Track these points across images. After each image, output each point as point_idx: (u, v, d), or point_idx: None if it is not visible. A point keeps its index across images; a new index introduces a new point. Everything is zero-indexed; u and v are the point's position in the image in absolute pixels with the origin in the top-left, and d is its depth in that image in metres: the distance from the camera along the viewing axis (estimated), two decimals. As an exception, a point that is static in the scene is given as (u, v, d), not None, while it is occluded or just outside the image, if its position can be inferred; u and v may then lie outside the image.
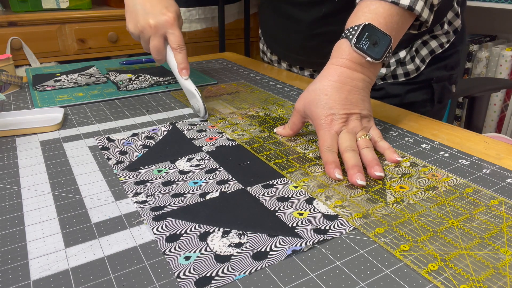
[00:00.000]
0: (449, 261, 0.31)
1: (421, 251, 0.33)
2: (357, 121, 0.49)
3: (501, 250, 0.33)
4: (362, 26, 0.49)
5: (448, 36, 0.75)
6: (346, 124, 0.49)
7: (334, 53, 0.52)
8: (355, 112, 0.49)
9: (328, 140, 0.47)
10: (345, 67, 0.50)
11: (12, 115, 0.61)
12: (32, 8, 1.61)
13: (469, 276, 0.30)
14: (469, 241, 0.34)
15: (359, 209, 0.38)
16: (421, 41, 0.75)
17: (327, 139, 0.47)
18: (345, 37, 0.51)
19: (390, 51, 0.50)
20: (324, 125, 0.48)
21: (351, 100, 0.49)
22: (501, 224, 0.36)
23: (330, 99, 0.49)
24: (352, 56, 0.50)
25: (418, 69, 0.76)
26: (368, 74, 0.51)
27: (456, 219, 0.37)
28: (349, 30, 0.50)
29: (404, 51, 0.75)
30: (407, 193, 0.41)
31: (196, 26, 1.70)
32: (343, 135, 0.48)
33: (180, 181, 0.43)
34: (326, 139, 0.47)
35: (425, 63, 0.76)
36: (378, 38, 0.50)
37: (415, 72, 0.76)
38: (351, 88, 0.50)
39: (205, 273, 0.30)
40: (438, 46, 0.75)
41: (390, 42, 0.50)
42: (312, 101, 0.50)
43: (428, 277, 0.30)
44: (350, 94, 0.49)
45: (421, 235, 0.34)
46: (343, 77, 0.50)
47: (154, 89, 0.76)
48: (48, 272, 0.31)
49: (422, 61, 0.76)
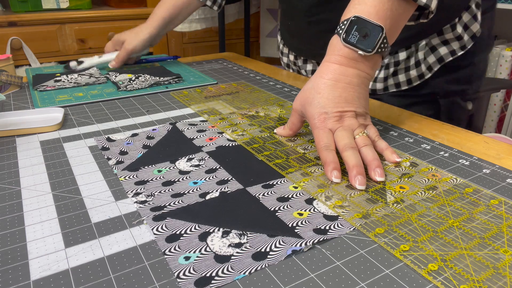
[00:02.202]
0: (449, 261, 0.31)
1: (421, 251, 0.33)
2: (352, 119, 0.48)
3: (501, 250, 0.33)
4: (350, 20, 0.48)
5: (462, 42, 0.68)
6: (341, 122, 0.47)
7: (328, 50, 0.51)
8: (350, 110, 0.48)
9: (324, 138, 0.46)
10: (338, 63, 0.49)
11: (12, 115, 0.61)
12: (32, 8, 1.61)
13: (469, 276, 0.30)
14: (469, 241, 0.34)
15: (359, 209, 0.38)
16: (429, 47, 0.68)
17: (323, 137, 0.46)
18: (336, 33, 0.50)
19: (384, 41, 0.48)
20: (318, 123, 0.47)
21: (346, 98, 0.48)
22: (501, 224, 0.36)
23: (323, 98, 0.48)
24: (343, 51, 0.49)
25: (421, 76, 0.70)
26: (363, 69, 0.49)
27: (456, 219, 0.37)
28: (339, 25, 0.50)
29: (404, 53, 0.69)
30: (407, 193, 0.41)
31: (196, 26, 1.70)
32: (339, 132, 0.46)
33: (180, 181, 0.43)
34: (321, 138, 0.46)
35: (431, 72, 0.69)
36: (368, 29, 0.48)
37: (418, 80, 0.70)
38: (345, 85, 0.48)
39: (205, 273, 0.30)
40: (448, 54, 0.68)
41: (382, 32, 0.48)
42: (307, 100, 0.49)
43: (428, 277, 0.30)
44: (344, 92, 0.48)
45: (421, 235, 0.34)
46: (336, 74, 0.48)
47: (154, 89, 0.76)
48: (48, 272, 0.31)
49: (428, 68, 0.69)
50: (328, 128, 0.47)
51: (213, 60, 1.04)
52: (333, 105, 0.47)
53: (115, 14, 1.71)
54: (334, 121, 0.47)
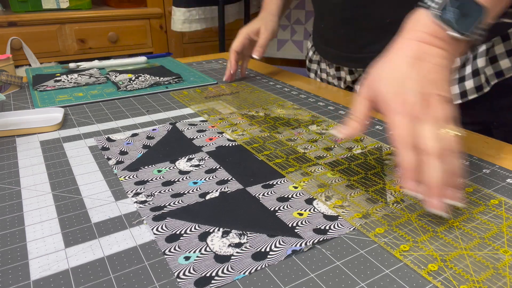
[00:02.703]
0: (449, 261, 0.31)
1: (421, 251, 0.33)
2: (440, 105, 0.38)
3: (501, 250, 0.33)
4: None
5: None
6: (427, 108, 0.37)
7: (408, 26, 0.42)
8: (437, 93, 0.38)
9: (405, 128, 0.36)
10: (422, 41, 0.40)
11: (12, 115, 0.61)
12: (32, 8, 1.61)
13: (469, 277, 0.30)
14: (469, 241, 0.34)
15: (359, 209, 0.38)
16: (490, 56, 0.57)
17: (404, 127, 0.36)
18: (423, 6, 0.41)
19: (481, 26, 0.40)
20: (398, 107, 0.37)
21: (433, 80, 0.39)
22: (501, 224, 0.36)
23: (404, 76, 0.39)
24: (431, 28, 0.40)
25: (479, 89, 0.58)
26: (451, 51, 0.41)
27: (456, 219, 0.37)
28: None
29: (458, 59, 0.53)
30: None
31: (196, 26, 1.70)
32: (427, 127, 0.36)
33: (180, 181, 0.43)
34: (402, 128, 0.36)
35: (489, 85, 0.58)
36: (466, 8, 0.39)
37: (475, 93, 0.57)
38: (430, 66, 0.39)
39: (205, 273, 0.30)
40: (510, 68, 0.55)
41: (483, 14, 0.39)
42: (381, 80, 0.40)
43: (428, 277, 0.30)
44: (429, 73, 0.39)
45: (421, 235, 0.34)
46: (420, 52, 0.40)
47: (154, 89, 0.76)
48: (48, 272, 0.31)
49: (487, 81, 0.58)
50: (412, 114, 0.37)
51: (213, 60, 1.04)
52: (417, 84, 0.38)
53: (115, 14, 1.71)
54: (418, 106, 0.37)
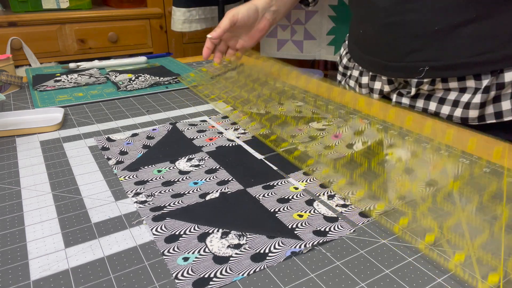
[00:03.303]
0: (446, 230, 0.31)
1: (420, 225, 0.33)
2: None
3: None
4: None
5: None
6: None
7: None
8: None
9: None
10: None
11: (12, 115, 0.61)
12: (32, 8, 1.61)
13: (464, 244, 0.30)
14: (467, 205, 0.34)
15: (361, 208, 0.38)
16: None
17: None
18: None
19: None
20: None
21: None
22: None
23: None
24: None
25: None
26: None
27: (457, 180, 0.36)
28: None
29: (511, 72, 0.52)
30: (409, 190, 0.41)
31: (196, 26, 1.70)
32: None
33: (180, 181, 0.43)
34: None
35: None
36: None
37: None
38: None
39: (204, 274, 0.30)
40: None
41: None
42: None
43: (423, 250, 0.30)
44: None
45: (424, 236, 0.34)
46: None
47: (154, 89, 0.76)
48: (48, 272, 0.31)
49: None
50: None
51: (213, 60, 1.04)
52: None
53: (115, 14, 1.71)
54: None
